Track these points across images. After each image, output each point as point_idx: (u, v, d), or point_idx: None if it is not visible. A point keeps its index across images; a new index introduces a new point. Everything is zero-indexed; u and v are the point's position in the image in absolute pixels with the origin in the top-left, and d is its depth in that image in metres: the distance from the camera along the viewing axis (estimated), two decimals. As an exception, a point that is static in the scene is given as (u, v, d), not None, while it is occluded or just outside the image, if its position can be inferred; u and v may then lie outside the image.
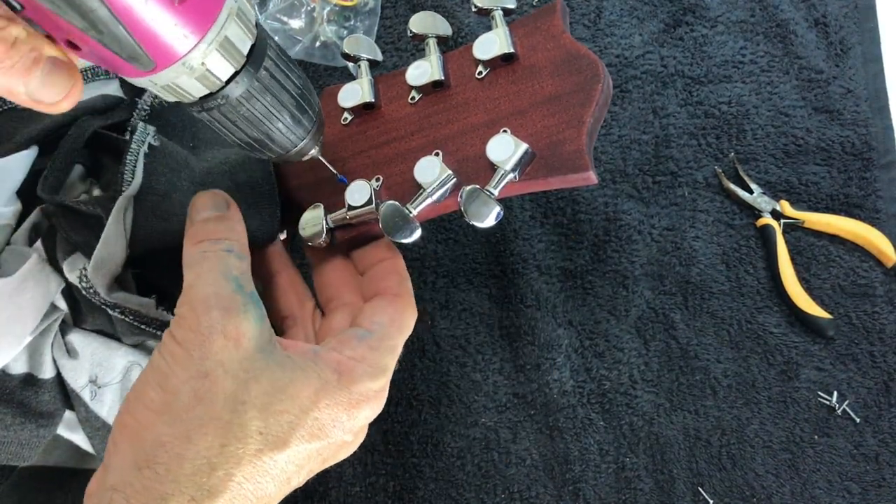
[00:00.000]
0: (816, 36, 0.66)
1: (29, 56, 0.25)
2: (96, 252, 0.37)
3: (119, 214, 0.38)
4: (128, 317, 0.39)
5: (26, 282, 0.39)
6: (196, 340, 0.30)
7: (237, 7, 0.27)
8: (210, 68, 0.27)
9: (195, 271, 0.33)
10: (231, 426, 0.29)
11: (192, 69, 0.27)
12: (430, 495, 0.59)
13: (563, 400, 0.60)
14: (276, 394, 0.30)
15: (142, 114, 0.45)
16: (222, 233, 0.35)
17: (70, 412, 0.43)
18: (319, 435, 0.32)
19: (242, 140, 0.32)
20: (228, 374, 0.30)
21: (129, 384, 0.43)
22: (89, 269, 0.37)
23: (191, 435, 0.29)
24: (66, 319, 0.42)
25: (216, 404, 0.29)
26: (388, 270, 0.39)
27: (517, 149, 0.35)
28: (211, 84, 0.28)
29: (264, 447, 0.30)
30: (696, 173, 0.64)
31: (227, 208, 0.36)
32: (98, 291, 0.38)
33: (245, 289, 0.32)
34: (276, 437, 0.30)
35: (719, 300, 0.61)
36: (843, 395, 0.58)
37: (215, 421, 0.29)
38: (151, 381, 0.31)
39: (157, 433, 0.29)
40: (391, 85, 0.42)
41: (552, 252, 0.63)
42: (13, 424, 0.40)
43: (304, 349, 0.34)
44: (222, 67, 0.28)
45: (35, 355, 0.41)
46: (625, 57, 0.67)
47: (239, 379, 0.30)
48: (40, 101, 0.27)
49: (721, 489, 0.57)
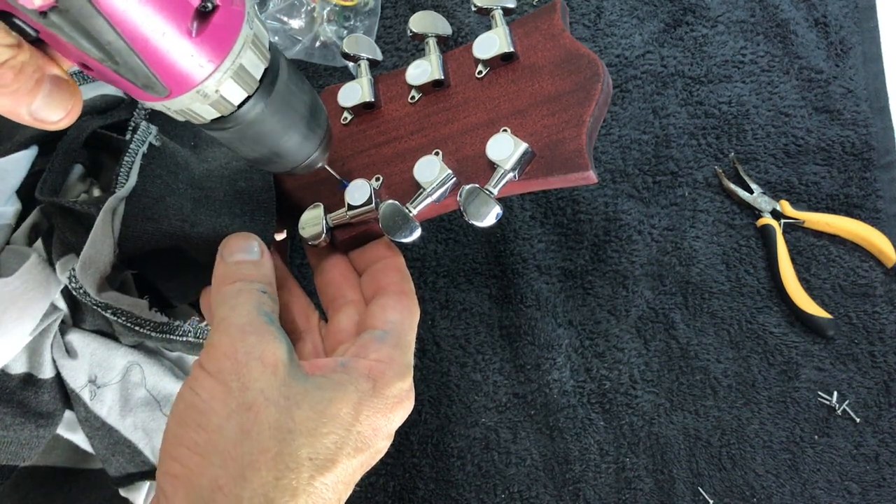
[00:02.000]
0: (816, 36, 0.66)
1: (32, 78, 0.25)
2: (83, 252, 0.37)
3: (107, 215, 0.38)
4: (120, 318, 0.39)
5: (26, 282, 0.39)
6: (233, 369, 0.30)
7: (252, 34, 0.27)
8: (224, 95, 0.27)
9: (230, 304, 0.33)
10: (282, 457, 0.29)
11: (206, 96, 0.27)
12: (430, 495, 0.59)
13: (563, 400, 0.60)
14: (319, 417, 0.30)
15: (143, 112, 0.45)
16: (255, 276, 0.35)
17: (70, 412, 0.43)
18: (362, 448, 0.32)
19: (251, 157, 0.32)
20: (271, 403, 0.29)
21: (129, 384, 0.43)
22: (77, 268, 0.37)
23: (245, 473, 0.28)
24: (66, 319, 0.42)
25: (263, 436, 0.29)
26: (389, 268, 0.39)
27: (517, 148, 0.35)
28: (223, 109, 0.28)
29: (315, 472, 0.29)
30: (696, 173, 0.64)
31: (259, 254, 0.37)
32: (87, 291, 0.38)
33: (276, 324, 0.33)
34: (325, 459, 0.30)
35: (719, 300, 0.61)
36: (843, 395, 0.58)
37: (265, 454, 0.29)
38: (190, 423, 0.30)
39: (210, 477, 0.29)
40: (391, 84, 0.42)
41: (552, 252, 0.63)
42: (13, 424, 0.40)
43: (330, 366, 0.33)
44: (236, 93, 0.28)
45: (34, 355, 0.41)
46: (625, 57, 0.67)
47: (281, 406, 0.30)
48: (43, 120, 0.27)
49: (721, 489, 0.57)
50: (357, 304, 0.39)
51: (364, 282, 0.39)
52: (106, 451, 0.43)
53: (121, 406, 0.43)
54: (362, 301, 0.39)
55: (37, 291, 0.39)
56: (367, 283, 0.39)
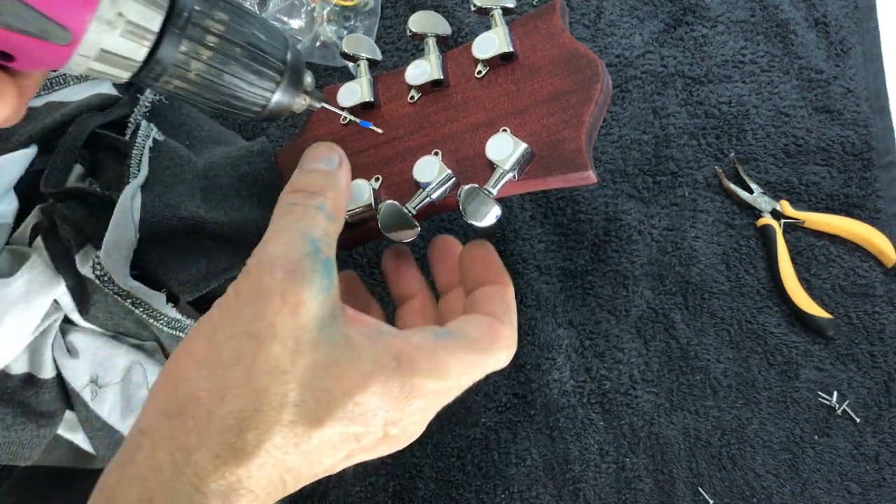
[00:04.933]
0: (817, 36, 0.66)
1: None
2: (106, 238, 0.38)
3: (126, 202, 0.38)
4: (138, 308, 0.39)
5: (27, 282, 0.39)
6: (252, 298, 0.29)
7: None
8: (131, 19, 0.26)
9: (276, 224, 0.31)
10: (267, 393, 0.28)
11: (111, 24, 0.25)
12: (430, 495, 0.59)
13: (563, 400, 0.60)
14: (320, 371, 0.29)
15: (143, 110, 0.45)
16: (319, 187, 0.32)
17: (70, 412, 0.43)
18: (359, 421, 0.30)
19: (212, 106, 0.31)
20: (277, 341, 0.28)
21: (130, 384, 0.43)
22: (102, 255, 0.38)
23: (225, 394, 0.28)
24: (67, 319, 0.42)
25: (256, 369, 0.28)
26: (497, 295, 0.35)
27: (516, 148, 0.35)
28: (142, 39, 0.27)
29: (298, 420, 0.28)
30: (696, 173, 0.64)
31: (337, 164, 0.34)
32: (112, 278, 0.38)
33: (320, 254, 0.30)
34: (312, 414, 0.28)
35: (719, 300, 0.61)
36: (843, 395, 0.58)
37: (252, 384, 0.28)
38: (202, 332, 0.30)
39: (193, 385, 0.28)
40: (390, 84, 0.42)
41: (552, 252, 0.63)
42: (14, 424, 0.40)
43: (369, 327, 0.31)
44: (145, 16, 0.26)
45: (35, 355, 0.41)
46: (625, 57, 0.67)
47: (287, 347, 0.28)
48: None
49: (721, 489, 0.57)
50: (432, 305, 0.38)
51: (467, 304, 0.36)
52: (106, 452, 0.43)
53: (122, 407, 0.43)
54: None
55: (38, 291, 0.39)
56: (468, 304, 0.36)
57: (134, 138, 0.42)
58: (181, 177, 0.40)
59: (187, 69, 0.28)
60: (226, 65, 0.29)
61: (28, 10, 0.23)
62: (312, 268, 0.30)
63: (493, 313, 0.34)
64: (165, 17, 0.27)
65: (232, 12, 0.29)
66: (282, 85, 0.31)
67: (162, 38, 0.27)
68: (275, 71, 0.31)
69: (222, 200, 0.41)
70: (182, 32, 0.27)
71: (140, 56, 0.27)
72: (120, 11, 0.25)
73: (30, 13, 0.24)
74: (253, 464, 0.28)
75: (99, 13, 0.25)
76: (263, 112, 0.32)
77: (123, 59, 0.27)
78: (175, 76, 0.29)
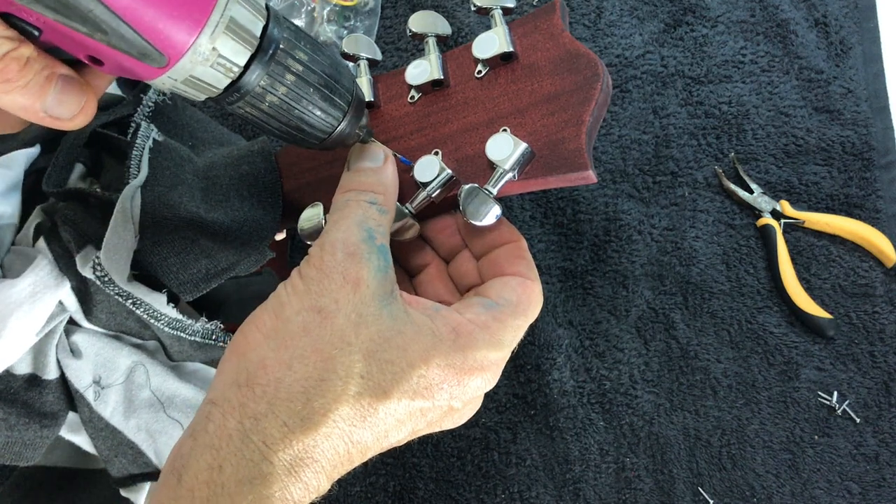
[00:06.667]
0: (816, 36, 0.66)
1: (42, 74, 0.26)
2: (106, 239, 0.38)
3: (125, 203, 0.38)
4: (139, 308, 0.39)
5: (33, 284, 0.39)
6: (317, 277, 0.31)
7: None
8: (223, 53, 0.27)
9: (335, 217, 0.34)
10: (333, 362, 0.29)
11: (204, 57, 0.27)
12: (430, 495, 0.59)
13: (563, 400, 0.60)
14: (383, 343, 0.30)
15: (145, 110, 0.45)
16: (369, 185, 0.35)
17: (73, 413, 0.43)
18: (424, 394, 0.31)
19: (280, 130, 0.32)
20: (340, 313, 0.30)
21: (133, 385, 0.43)
22: (101, 256, 0.38)
23: (293, 363, 0.29)
24: (72, 320, 0.42)
25: (323, 339, 0.30)
26: (515, 254, 0.37)
27: (516, 148, 0.35)
28: (228, 71, 0.28)
29: (364, 391, 0.29)
30: (696, 173, 0.64)
31: (382, 162, 0.36)
32: (113, 279, 0.38)
33: (375, 240, 0.33)
34: (378, 386, 0.30)
35: (719, 300, 0.61)
36: (843, 395, 0.58)
37: (318, 353, 0.29)
38: (269, 308, 0.32)
39: (261, 355, 0.30)
40: (391, 84, 0.42)
41: (552, 252, 0.63)
42: (17, 425, 0.40)
43: (425, 305, 0.33)
44: (236, 51, 0.28)
45: (40, 356, 0.41)
46: (625, 57, 0.67)
47: (350, 320, 0.30)
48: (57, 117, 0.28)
49: (721, 489, 0.57)
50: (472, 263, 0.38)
51: (483, 267, 0.38)
52: (109, 452, 0.43)
53: (125, 407, 0.43)
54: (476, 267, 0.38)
55: (43, 293, 0.39)
56: (487, 268, 0.37)
57: (134, 139, 0.42)
58: (181, 177, 0.41)
59: (262, 101, 0.30)
60: (298, 101, 0.31)
61: (134, 35, 0.25)
62: (369, 250, 0.32)
63: (520, 272, 0.36)
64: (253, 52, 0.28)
65: (311, 51, 0.30)
66: (347, 115, 0.33)
67: (245, 70, 0.28)
68: (344, 102, 0.32)
69: (222, 200, 0.41)
70: (266, 68, 0.29)
71: (222, 85, 0.28)
72: (215, 46, 0.27)
73: (135, 38, 0.25)
74: (319, 433, 0.29)
75: (195, 46, 0.26)
76: (326, 140, 0.33)
77: (207, 85, 0.28)
78: (249, 104, 0.30)
